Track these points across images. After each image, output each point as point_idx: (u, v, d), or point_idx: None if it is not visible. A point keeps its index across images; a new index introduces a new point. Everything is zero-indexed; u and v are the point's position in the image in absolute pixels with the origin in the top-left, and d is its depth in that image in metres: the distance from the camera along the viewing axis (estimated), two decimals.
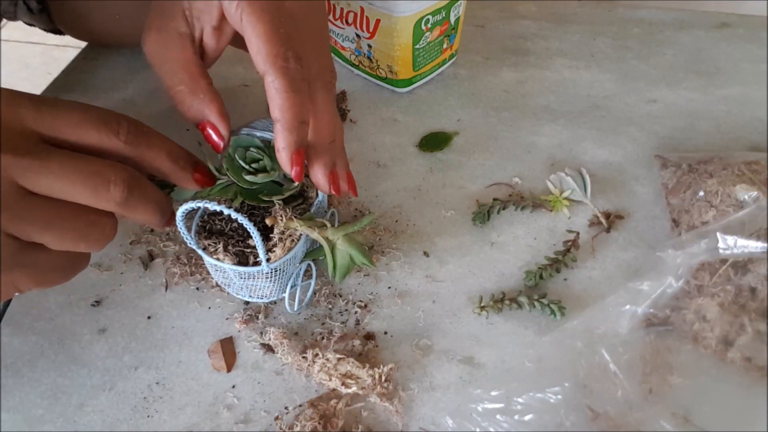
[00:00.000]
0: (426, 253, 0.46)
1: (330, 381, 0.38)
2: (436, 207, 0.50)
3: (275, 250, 0.38)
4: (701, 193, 0.44)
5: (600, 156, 0.53)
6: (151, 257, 0.46)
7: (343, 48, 0.60)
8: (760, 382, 0.37)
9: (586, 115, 0.57)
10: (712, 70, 0.61)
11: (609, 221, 0.48)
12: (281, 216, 0.38)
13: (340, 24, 0.58)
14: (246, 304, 0.43)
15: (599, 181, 0.51)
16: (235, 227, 0.40)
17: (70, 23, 0.61)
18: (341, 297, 0.44)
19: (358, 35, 0.57)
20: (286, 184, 0.40)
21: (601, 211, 0.48)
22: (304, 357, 0.40)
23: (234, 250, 0.39)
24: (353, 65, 0.61)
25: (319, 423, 0.37)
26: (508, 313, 0.43)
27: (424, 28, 0.54)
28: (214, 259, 0.39)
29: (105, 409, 0.38)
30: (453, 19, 0.57)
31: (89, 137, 0.33)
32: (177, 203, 0.37)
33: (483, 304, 0.43)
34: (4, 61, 1.80)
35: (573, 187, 0.49)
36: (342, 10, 0.56)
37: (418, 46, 0.55)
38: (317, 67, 0.39)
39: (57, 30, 0.62)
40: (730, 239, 0.39)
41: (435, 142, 0.55)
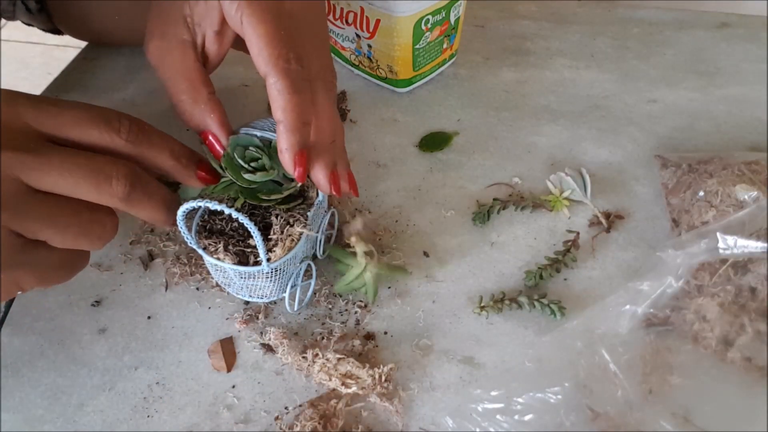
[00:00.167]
0: (426, 253, 0.46)
1: (330, 381, 0.38)
2: (436, 207, 0.50)
3: (275, 249, 0.38)
4: (701, 193, 0.44)
5: (600, 156, 0.53)
6: (151, 257, 0.46)
7: (343, 48, 0.60)
8: (760, 382, 0.37)
9: (586, 115, 0.57)
10: (712, 70, 0.61)
11: (609, 221, 0.48)
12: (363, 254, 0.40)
13: (340, 24, 0.58)
14: (246, 304, 0.43)
15: (599, 181, 0.51)
16: (236, 227, 0.40)
17: (69, 23, 0.61)
18: (341, 297, 0.44)
19: (358, 35, 0.57)
20: (285, 183, 0.40)
21: (601, 211, 0.48)
22: (304, 357, 0.40)
23: (234, 249, 0.39)
24: (353, 65, 0.61)
25: (319, 423, 0.37)
26: (508, 313, 0.43)
27: (424, 28, 0.54)
28: (214, 259, 0.39)
29: (105, 409, 0.38)
30: (453, 19, 0.57)
31: (90, 136, 0.33)
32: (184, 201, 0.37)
33: (483, 304, 0.43)
34: (4, 61, 1.80)
35: (573, 187, 0.49)
36: (342, 10, 0.56)
37: (418, 46, 0.55)
38: (318, 68, 0.39)
39: (56, 30, 0.62)
40: (730, 239, 0.39)
41: (435, 142, 0.55)
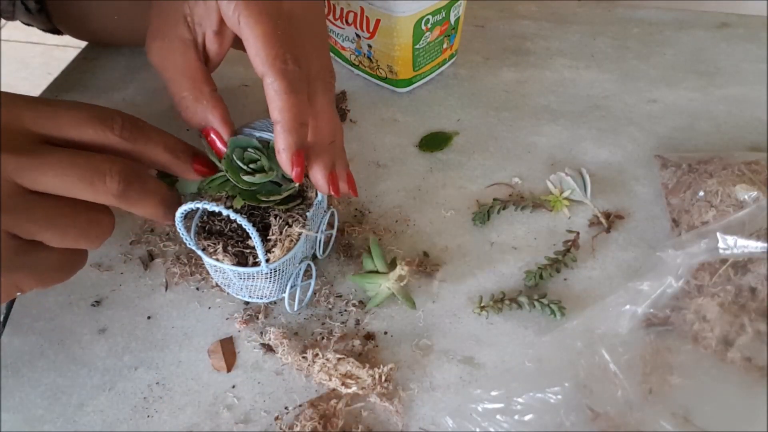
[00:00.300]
0: (426, 253, 0.46)
1: (330, 381, 0.38)
2: (436, 207, 0.50)
3: (274, 250, 0.38)
4: (701, 193, 0.44)
5: (600, 156, 0.53)
6: (151, 257, 0.46)
7: (343, 48, 0.60)
8: (760, 382, 0.37)
9: (586, 115, 0.57)
10: (712, 70, 0.61)
11: (609, 221, 0.48)
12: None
13: (340, 24, 0.58)
14: (246, 304, 0.43)
15: (599, 181, 0.51)
16: (235, 228, 0.40)
17: (69, 23, 0.61)
18: (341, 297, 0.44)
19: (358, 35, 0.57)
20: (284, 184, 0.40)
21: (601, 211, 0.48)
22: (304, 357, 0.40)
23: (233, 250, 0.39)
24: (353, 65, 0.61)
25: (319, 423, 0.37)
26: (508, 313, 0.43)
27: (424, 28, 0.54)
28: (213, 260, 0.39)
29: (105, 409, 0.38)
30: (453, 19, 0.57)
31: (85, 134, 0.33)
32: (184, 196, 0.38)
33: (483, 304, 0.43)
34: (4, 61, 1.80)
35: (573, 187, 0.49)
36: (342, 10, 0.56)
37: (418, 46, 0.55)
38: (317, 68, 0.39)
39: (55, 30, 0.62)
40: (730, 239, 0.39)
41: (435, 142, 0.55)
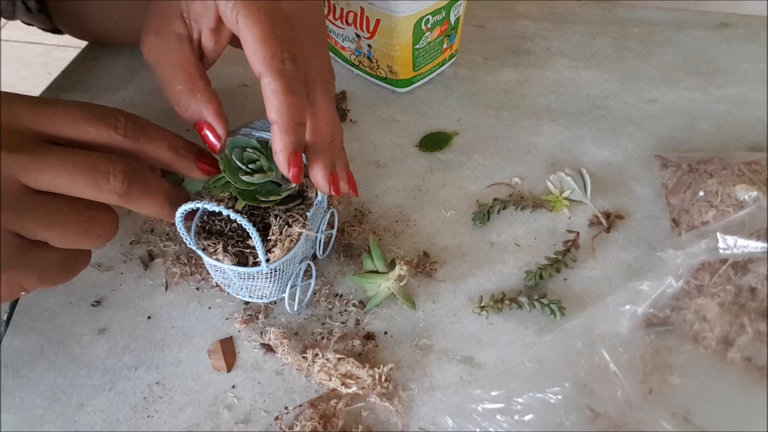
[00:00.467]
0: (426, 253, 0.46)
1: (330, 381, 0.38)
2: (436, 207, 0.50)
3: (274, 250, 0.38)
4: (701, 193, 0.44)
5: (600, 156, 0.53)
6: (151, 257, 0.46)
7: (343, 48, 0.60)
8: (760, 382, 0.37)
9: (586, 115, 0.57)
10: (712, 70, 0.61)
11: (609, 221, 0.48)
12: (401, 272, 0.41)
13: (340, 24, 0.58)
14: (246, 304, 0.43)
15: (599, 181, 0.51)
16: (235, 227, 0.40)
17: (69, 22, 0.61)
18: (341, 297, 0.44)
19: (358, 35, 0.57)
20: (284, 184, 0.40)
21: (601, 211, 0.48)
22: (304, 357, 0.40)
23: (233, 250, 0.39)
24: (353, 65, 0.61)
25: (319, 423, 0.37)
26: (508, 313, 0.43)
27: (424, 28, 0.54)
28: (213, 260, 0.38)
29: (105, 409, 0.38)
30: (453, 19, 0.57)
31: (88, 134, 0.33)
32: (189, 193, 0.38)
33: (483, 304, 0.43)
34: (4, 61, 1.80)
35: (573, 187, 0.49)
36: (342, 10, 0.56)
37: (418, 46, 0.55)
38: (316, 68, 0.39)
39: (56, 29, 0.62)
40: (730, 239, 0.39)
41: (435, 142, 0.55)
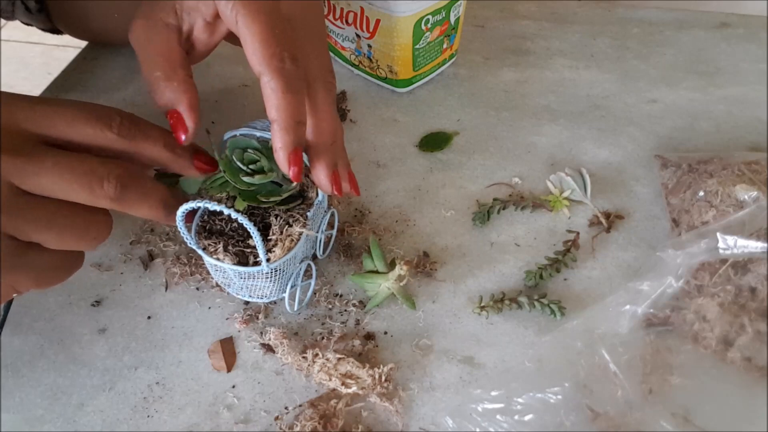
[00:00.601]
0: (426, 253, 0.46)
1: (330, 381, 0.38)
2: (436, 207, 0.50)
3: (275, 250, 0.38)
4: (701, 193, 0.44)
5: (600, 156, 0.53)
6: (151, 257, 0.46)
7: (343, 48, 0.60)
8: (760, 382, 0.37)
9: (586, 115, 0.57)
10: (712, 70, 0.61)
11: (609, 221, 0.48)
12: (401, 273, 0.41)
13: (340, 24, 0.58)
14: (246, 304, 0.43)
15: (599, 181, 0.51)
16: (236, 227, 0.40)
17: (69, 22, 0.61)
18: (341, 297, 0.44)
19: (358, 35, 0.57)
20: (285, 184, 0.40)
21: (601, 211, 0.48)
22: (304, 357, 0.40)
23: (234, 250, 0.39)
24: (353, 65, 0.61)
25: (319, 423, 0.37)
26: (508, 313, 0.43)
27: (424, 28, 0.54)
28: (214, 259, 0.39)
29: (105, 409, 0.38)
30: (453, 19, 0.57)
31: (84, 133, 0.33)
32: (185, 193, 0.37)
33: (483, 304, 0.43)
34: (4, 61, 1.80)
35: (573, 187, 0.49)
36: (342, 10, 0.56)
37: (418, 46, 0.55)
38: (317, 68, 0.39)
39: (55, 29, 0.62)
40: (730, 239, 0.39)
41: (435, 142, 0.55)
